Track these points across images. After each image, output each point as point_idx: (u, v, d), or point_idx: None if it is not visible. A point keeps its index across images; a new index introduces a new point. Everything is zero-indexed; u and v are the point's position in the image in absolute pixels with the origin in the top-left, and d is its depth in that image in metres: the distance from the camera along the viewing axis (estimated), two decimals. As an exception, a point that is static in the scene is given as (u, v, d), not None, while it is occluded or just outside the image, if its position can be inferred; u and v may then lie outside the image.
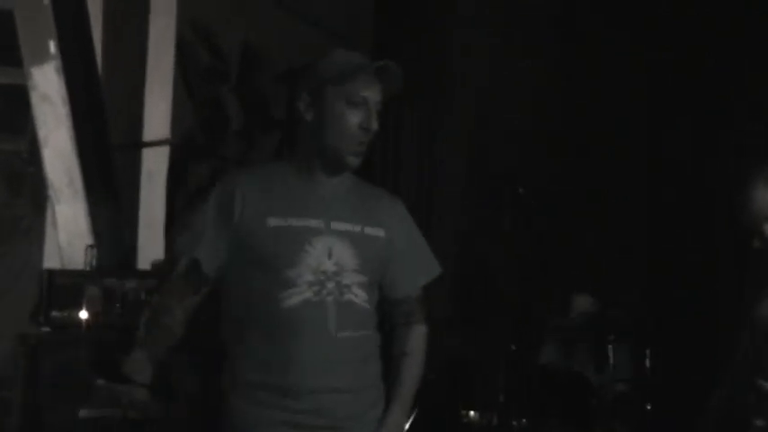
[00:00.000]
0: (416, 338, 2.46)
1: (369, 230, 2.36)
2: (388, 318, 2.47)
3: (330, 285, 2.27)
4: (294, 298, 2.25)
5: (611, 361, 5.11)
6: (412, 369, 2.44)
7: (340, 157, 2.31)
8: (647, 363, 5.21)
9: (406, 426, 2.54)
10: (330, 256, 2.29)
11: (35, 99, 4.80)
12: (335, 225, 2.31)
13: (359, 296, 2.32)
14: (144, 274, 4.54)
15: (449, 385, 5.03)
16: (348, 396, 2.31)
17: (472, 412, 4.81)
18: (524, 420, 4.74)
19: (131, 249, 4.96)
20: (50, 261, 4.93)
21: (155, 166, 5.15)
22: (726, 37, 6.24)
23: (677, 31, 6.47)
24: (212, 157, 5.25)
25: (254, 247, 2.27)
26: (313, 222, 2.29)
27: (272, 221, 2.27)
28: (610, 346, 5.16)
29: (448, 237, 6.63)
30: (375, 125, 2.30)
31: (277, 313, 2.24)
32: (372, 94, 2.30)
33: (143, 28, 5.26)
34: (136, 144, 5.14)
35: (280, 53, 5.58)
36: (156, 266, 4.38)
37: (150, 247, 4.98)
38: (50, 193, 4.92)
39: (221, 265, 2.31)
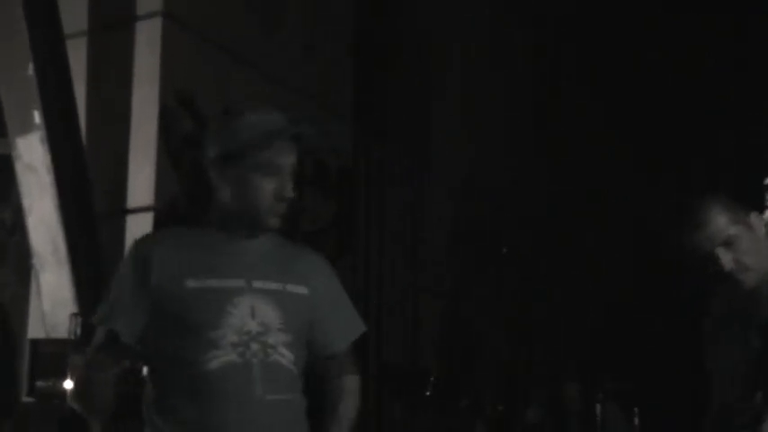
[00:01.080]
0: (350, 383, 2.41)
1: (291, 288, 2.28)
2: (320, 375, 2.40)
3: (255, 346, 2.18)
4: (217, 360, 2.15)
5: (599, 419, 5.10)
6: (347, 411, 2.38)
7: (259, 222, 2.26)
8: (636, 421, 5.20)
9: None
10: (254, 315, 2.20)
11: (20, 168, 4.82)
12: (257, 284, 2.23)
13: (285, 356, 2.23)
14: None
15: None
16: None
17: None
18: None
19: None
20: (34, 331, 4.91)
21: (139, 233, 5.14)
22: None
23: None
24: (196, 224, 5.25)
25: (174, 311, 2.18)
26: (233, 282, 2.21)
27: (191, 283, 2.19)
28: (598, 405, 5.15)
29: (432, 295, 6.64)
30: (290, 193, 2.24)
31: (201, 377, 2.15)
32: (287, 159, 2.24)
33: (126, 95, 5.31)
34: (120, 211, 5.15)
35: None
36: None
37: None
38: (34, 261, 4.91)
39: (141, 334, 2.21)
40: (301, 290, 2.30)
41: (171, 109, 5.28)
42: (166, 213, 5.21)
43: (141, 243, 2.30)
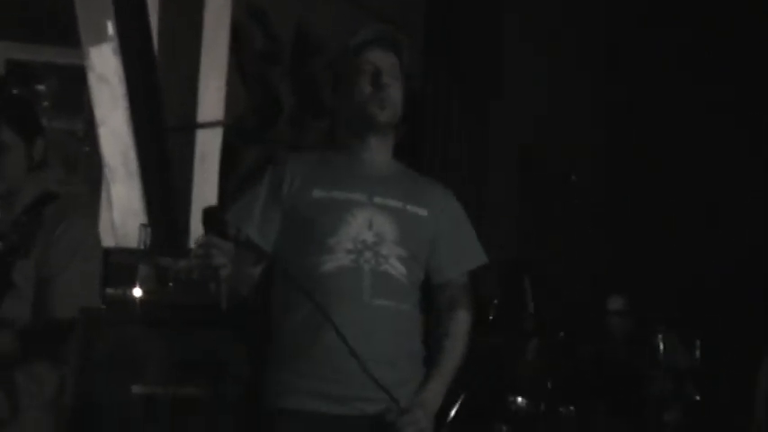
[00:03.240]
0: (459, 323, 2.45)
1: (411, 208, 2.39)
2: (433, 304, 2.47)
3: (368, 254, 2.32)
4: (331, 263, 2.30)
5: (661, 351, 5.07)
6: (452, 351, 2.43)
7: (366, 115, 2.38)
8: (697, 353, 5.16)
9: (452, 412, 2.53)
10: (370, 227, 2.33)
11: (92, 79, 4.87)
12: (378, 200, 2.36)
13: (397, 269, 2.34)
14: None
15: (496, 371, 5.02)
16: (380, 367, 2.28)
17: (519, 398, 4.79)
18: (572, 408, 4.72)
19: (184, 229, 5.02)
20: (104, 239, 5.01)
21: (208, 148, 5.20)
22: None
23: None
24: (263, 140, 5.29)
25: (300, 219, 2.35)
26: (356, 195, 2.35)
27: (317, 193, 2.35)
28: (660, 336, 5.12)
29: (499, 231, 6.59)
30: (386, 80, 2.37)
31: (315, 278, 2.29)
32: (379, 59, 2.39)
33: (199, 10, 5.31)
34: (190, 126, 5.19)
35: (333, 38, 5.59)
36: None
37: (201, 228, 5.03)
38: (105, 172, 4.99)
39: (272, 239, 2.38)
40: (421, 211, 2.41)
41: (243, 24, 5.27)
42: (235, 129, 5.24)
43: (278, 159, 2.46)
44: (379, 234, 2.33)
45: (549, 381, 4.77)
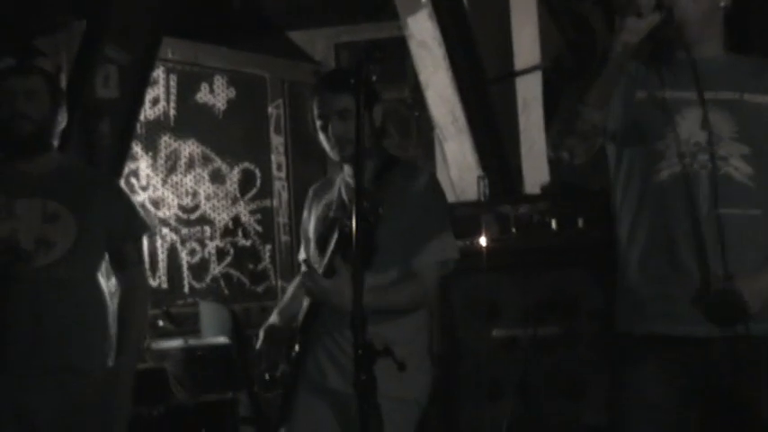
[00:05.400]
0: None
1: (749, 97, 2.15)
2: None
3: (703, 158, 2.10)
4: (663, 173, 2.12)
5: None
6: None
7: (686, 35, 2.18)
8: None
9: None
10: (704, 125, 2.10)
11: (413, 47, 5.10)
12: (708, 95, 2.12)
13: (740, 169, 2.09)
14: (533, 198, 4.71)
15: None
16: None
17: None
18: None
19: (517, 176, 5.13)
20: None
21: (529, 93, 5.26)
22: None
23: None
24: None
25: (625, 122, 2.19)
26: (683, 94, 2.14)
27: (639, 94, 2.18)
28: None
29: None
30: None
31: (648, 189, 2.14)
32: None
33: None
34: (509, 74, 5.27)
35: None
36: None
37: (534, 171, 5.12)
38: (437, 132, 5.22)
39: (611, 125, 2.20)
40: (763, 99, 2.15)
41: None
42: (554, 70, 5.26)
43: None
44: (713, 133, 2.09)
45: None
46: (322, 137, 2.71)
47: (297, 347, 2.67)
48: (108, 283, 3.08)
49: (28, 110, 2.92)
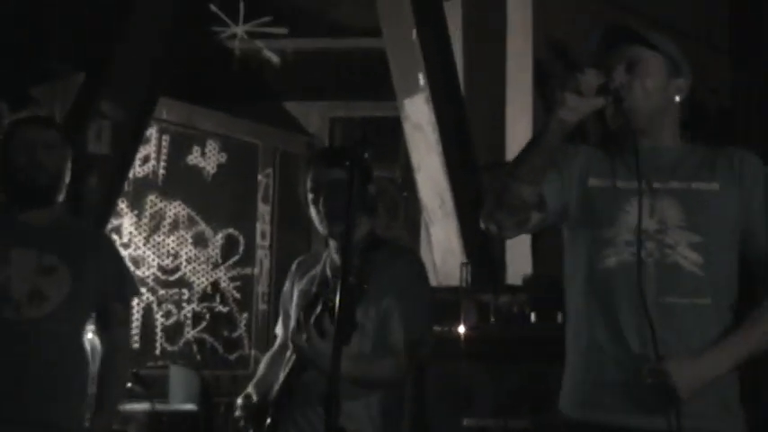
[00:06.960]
0: None
1: (697, 185, 2.12)
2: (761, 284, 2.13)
3: (650, 245, 2.07)
4: (610, 259, 2.09)
5: None
6: (747, 328, 2.07)
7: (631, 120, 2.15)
8: None
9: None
10: (652, 214, 2.08)
11: (408, 128, 5.14)
12: (657, 184, 2.10)
13: (688, 258, 2.06)
14: (514, 288, 4.70)
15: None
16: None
17: None
18: None
19: (500, 265, 5.13)
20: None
21: (518, 184, 5.28)
22: None
23: None
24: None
25: (578, 207, 2.16)
26: (630, 184, 2.10)
27: (593, 182, 2.16)
28: None
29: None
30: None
31: (594, 276, 2.11)
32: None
33: (501, 54, 5.45)
34: (500, 164, 5.31)
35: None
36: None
37: (517, 262, 5.12)
38: (424, 215, 5.23)
39: (561, 206, 2.18)
40: (710, 187, 2.13)
41: (545, 60, 5.34)
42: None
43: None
44: (662, 221, 2.08)
45: None
46: (312, 210, 2.69)
47: (269, 421, 2.63)
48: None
49: (46, 162, 2.91)
